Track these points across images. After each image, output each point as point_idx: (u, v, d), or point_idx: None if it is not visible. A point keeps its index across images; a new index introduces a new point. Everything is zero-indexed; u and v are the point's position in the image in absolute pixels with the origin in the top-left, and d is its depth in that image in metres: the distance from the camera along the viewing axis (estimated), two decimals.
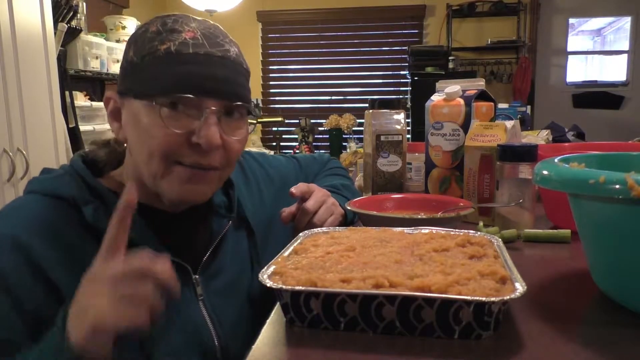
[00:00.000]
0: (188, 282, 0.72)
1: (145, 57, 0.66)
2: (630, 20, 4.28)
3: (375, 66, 4.55)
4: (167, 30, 0.67)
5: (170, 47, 0.65)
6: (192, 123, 0.66)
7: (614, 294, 0.59)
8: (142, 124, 0.67)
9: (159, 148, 0.66)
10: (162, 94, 0.65)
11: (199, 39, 0.67)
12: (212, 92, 0.66)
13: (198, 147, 0.66)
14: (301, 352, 0.51)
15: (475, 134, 0.98)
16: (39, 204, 0.67)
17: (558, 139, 1.86)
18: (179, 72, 0.65)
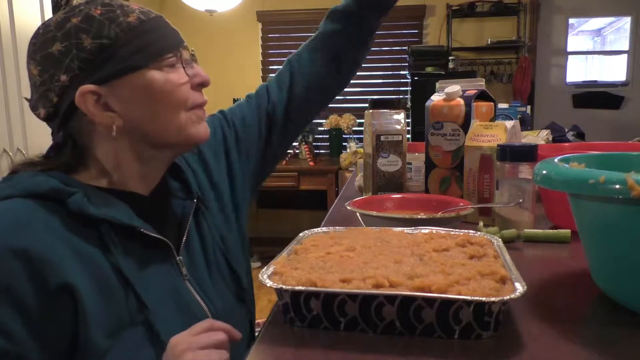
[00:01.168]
0: (173, 264, 0.75)
1: (119, 35, 0.68)
2: (630, 20, 4.28)
3: (375, 66, 4.55)
4: (117, 6, 0.71)
5: (139, 17, 0.71)
6: (185, 71, 0.74)
7: (614, 294, 0.59)
8: (156, 89, 0.71)
9: (182, 100, 0.73)
10: (160, 56, 0.71)
11: (143, 7, 0.74)
12: (182, 42, 0.75)
13: (201, 87, 0.77)
14: (301, 352, 0.51)
15: (475, 134, 0.98)
16: (22, 205, 0.65)
17: (558, 139, 1.86)
18: (161, 33, 0.72)
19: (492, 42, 4.20)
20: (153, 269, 0.71)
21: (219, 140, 0.94)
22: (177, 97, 0.72)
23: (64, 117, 0.71)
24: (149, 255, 0.71)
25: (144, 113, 0.71)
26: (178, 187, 0.84)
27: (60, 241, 0.64)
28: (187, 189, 0.84)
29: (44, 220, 0.65)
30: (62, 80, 0.68)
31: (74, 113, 0.70)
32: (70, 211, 0.66)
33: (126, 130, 0.71)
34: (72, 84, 0.68)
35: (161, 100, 0.71)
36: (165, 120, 0.72)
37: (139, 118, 0.71)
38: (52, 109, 0.70)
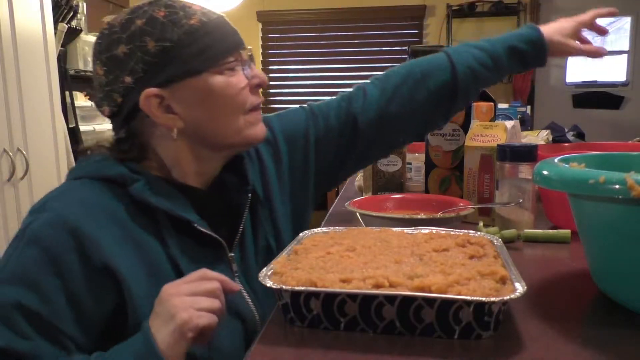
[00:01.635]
0: (224, 260, 0.75)
1: (181, 37, 0.69)
2: (630, 20, 4.28)
3: (375, 66, 4.54)
4: (180, 7, 0.71)
5: (201, 19, 0.70)
6: (244, 73, 0.74)
7: (614, 294, 0.59)
8: (217, 92, 0.71)
9: (241, 102, 0.73)
10: (221, 58, 0.71)
11: (204, 8, 0.73)
12: (242, 42, 0.75)
13: (258, 88, 0.77)
14: (301, 352, 0.51)
15: (475, 134, 0.98)
16: (88, 186, 0.70)
17: (558, 139, 1.86)
18: (221, 35, 0.72)
19: None
20: (205, 262, 0.71)
21: (300, 135, 0.92)
22: (236, 101, 0.73)
23: (127, 117, 0.73)
24: (202, 248, 0.72)
25: (204, 116, 0.72)
26: (235, 179, 0.83)
27: (116, 224, 0.66)
28: (244, 182, 0.82)
29: (104, 202, 0.68)
30: (126, 81, 0.70)
31: (137, 113, 0.72)
32: (133, 198, 0.69)
33: (186, 132, 0.73)
34: (136, 85, 0.69)
35: (221, 104, 0.72)
36: (225, 123, 0.74)
37: (199, 120, 0.73)
38: (116, 108, 0.72)
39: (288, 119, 0.93)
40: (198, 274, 0.63)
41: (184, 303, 0.58)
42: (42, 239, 0.64)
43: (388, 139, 0.95)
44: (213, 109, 0.72)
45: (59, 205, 0.67)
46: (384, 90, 0.93)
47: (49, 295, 0.62)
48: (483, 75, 0.94)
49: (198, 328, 0.58)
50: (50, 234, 0.64)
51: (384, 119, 0.92)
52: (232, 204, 0.81)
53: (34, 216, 0.67)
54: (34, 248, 0.63)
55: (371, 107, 0.92)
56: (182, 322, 0.57)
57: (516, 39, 0.95)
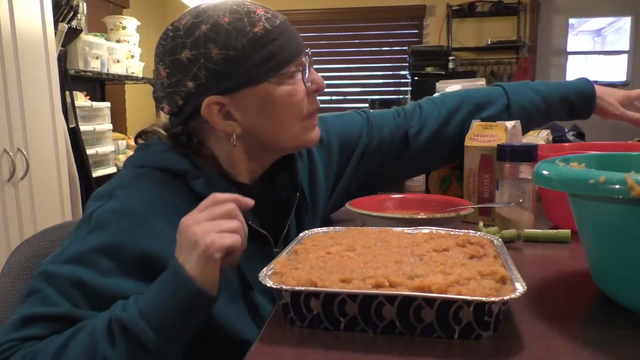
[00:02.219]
0: (270, 256, 0.75)
1: (245, 45, 0.70)
2: (630, 20, 4.28)
3: (375, 66, 4.55)
4: (245, 13, 0.71)
5: (264, 25, 0.71)
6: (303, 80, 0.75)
7: (614, 294, 0.59)
8: (277, 101, 0.73)
9: (300, 110, 0.75)
10: (283, 67, 0.72)
11: (268, 11, 0.73)
12: (303, 47, 0.76)
13: (315, 94, 0.78)
14: (301, 352, 0.51)
15: (475, 134, 0.98)
16: (152, 177, 0.72)
17: (558, 139, 1.86)
18: (284, 42, 0.72)
19: (492, 42, 4.20)
20: (254, 256, 0.72)
21: (354, 140, 0.93)
22: (295, 109, 0.74)
23: (187, 118, 0.75)
24: (252, 243, 0.72)
25: (263, 123, 0.74)
26: (286, 178, 0.84)
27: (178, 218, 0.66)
28: (294, 181, 0.83)
29: (168, 195, 0.71)
30: (188, 86, 0.71)
31: (197, 116, 0.73)
32: (194, 192, 0.71)
33: (244, 137, 0.75)
34: (198, 91, 0.71)
35: (280, 112, 0.73)
36: (283, 130, 0.75)
37: (258, 127, 0.74)
38: (176, 109, 0.75)
39: (345, 123, 0.95)
40: (209, 199, 0.62)
41: (204, 229, 0.59)
42: (108, 226, 0.66)
43: (431, 160, 0.99)
44: (272, 117, 0.74)
45: (126, 194, 0.69)
46: (440, 113, 0.96)
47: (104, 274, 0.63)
48: (534, 118, 1.00)
49: (223, 248, 0.58)
50: (116, 221, 0.66)
51: (436, 141, 0.95)
52: (280, 201, 0.83)
53: (102, 201, 0.69)
54: (99, 234, 0.65)
55: (426, 127, 0.95)
56: (205, 246, 0.57)
57: (572, 91, 1.01)
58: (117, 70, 3.17)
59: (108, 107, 3.05)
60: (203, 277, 0.58)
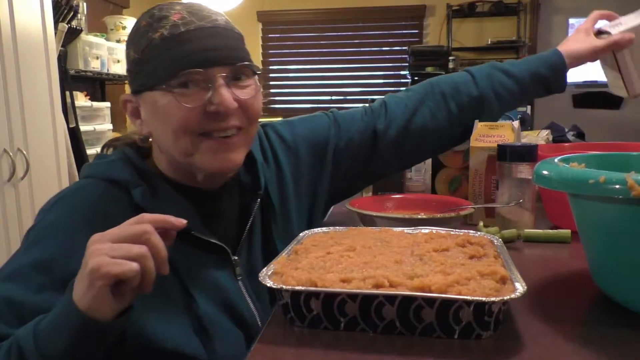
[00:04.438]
0: (228, 264, 0.75)
1: (144, 51, 0.70)
2: None
3: (375, 66, 4.55)
4: (155, 19, 0.70)
5: (163, 33, 0.69)
6: (205, 95, 0.69)
7: (614, 294, 0.59)
8: (160, 110, 0.70)
9: (181, 125, 0.69)
10: (170, 77, 0.68)
11: (186, 17, 0.70)
12: (214, 61, 0.69)
13: (216, 115, 0.70)
14: (301, 352, 0.51)
15: (481, 135, 0.97)
16: (94, 188, 0.72)
17: (558, 139, 1.86)
18: (179, 52, 0.68)
19: (492, 42, 4.20)
20: (205, 266, 0.72)
21: (322, 142, 0.91)
22: (177, 122, 0.69)
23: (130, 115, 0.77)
24: (204, 252, 0.72)
25: (156, 130, 0.73)
26: (250, 182, 0.82)
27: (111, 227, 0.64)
28: (257, 185, 0.82)
29: (106, 207, 0.70)
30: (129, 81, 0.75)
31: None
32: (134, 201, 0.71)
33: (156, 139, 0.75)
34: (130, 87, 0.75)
35: (165, 122, 0.70)
36: (171, 142, 0.71)
37: (154, 133, 0.74)
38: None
39: (312, 126, 0.93)
40: (134, 218, 0.57)
41: (99, 250, 0.53)
42: (43, 241, 0.66)
43: (406, 155, 0.96)
44: (159, 125, 0.72)
45: (63, 207, 0.69)
46: (406, 107, 0.94)
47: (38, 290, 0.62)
48: (507, 101, 0.97)
49: (109, 276, 0.52)
50: (51, 236, 0.66)
51: (405, 135, 0.93)
52: (242, 206, 0.81)
53: (41, 215, 0.69)
54: (35, 249, 0.65)
55: (393, 123, 0.93)
56: (90, 270, 0.52)
57: (543, 66, 0.97)
58: (117, 70, 3.16)
59: (108, 107, 3.05)
60: (89, 302, 0.53)
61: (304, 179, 0.89)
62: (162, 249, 0.55)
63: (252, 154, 0.82)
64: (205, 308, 0.69)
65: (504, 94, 0.96)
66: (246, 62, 0.72)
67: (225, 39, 0.71)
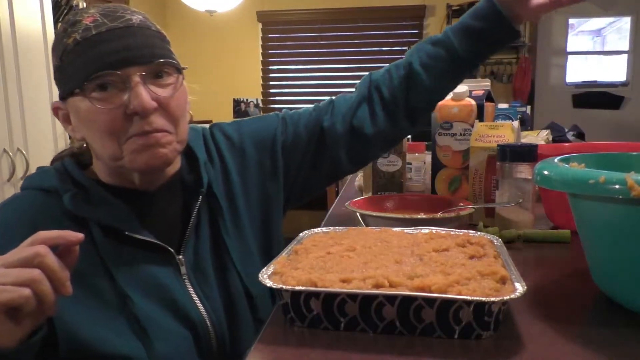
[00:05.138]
0: (171, 263, 0.75)
1: (62, 57, 0.70)
2: (630, 20, 4.28)
3: (376, 66, 4.52)
4: (70, 24, 0.70)
5: (76, 38, 0.68)
6: (123, 96, 0.68)
7: (614, 294, 0.59)
8: (82, 115, 0.70)
9: (103, 130, 0.69)
10: (86, 82, 0.67)
11: (98, 20, 0.69)
12: (128, 61, 0.68)
13: (137, 116, 0.68)
14: (301, 352, 0.51)
15: (481, 135, 0.97)
16: (25, 199, 0.73)
17: (558, 139, 1.86)
18: (92, 56, 0.67)
19: None
20: (144, 265, 0.71)
21: (269, 139, 0.90)
22: (100, 125, 0.68)
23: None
24: (143, 252, 0.72)
25: (85, 135, 0.73)
26: (192, 179, 0.81)
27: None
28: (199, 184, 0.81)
29: (38, 217, 0.70)
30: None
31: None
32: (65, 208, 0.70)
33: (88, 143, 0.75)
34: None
35: (89, 127, 0.70)
36: (100, 146, 0.71)
37: (85, 138, 0.74)
38: None
39: (259, 125, 0.92)
40: (29, 239, 0.55)
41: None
42: None
43: (356, 152, 0.93)
44: (87, 132, 0.71)
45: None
46: (351, 105, 0.92)
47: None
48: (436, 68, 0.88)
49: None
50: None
51: (352, 133, 0.91)
52: (181, 205, 0.80)
53: None
54: None
55: (338, 120, 0.91)
56: None
57: (468, 18, 0.87)
58: None
59: None
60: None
61: (253, 177, 0.88)
62: (58, 270, 0.53)
63: (195, 153, 0.82)
64: (143, 307, 0.69)
65: (431, 63, 0.88)
66: (163, 60, 0.70)
67: (140, 37, 0.70)
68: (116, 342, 0.66)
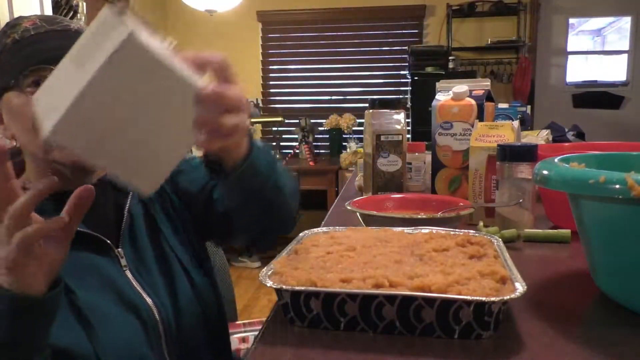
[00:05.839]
0: (111, 255, 0.76)
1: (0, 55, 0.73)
2: (630, 20, 4.28)
3: (375, 66, 4.54)
4: (9, 27, 0.74)
5: (15, 37, 0.73)
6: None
7: (614, 294, 0.59)
8: (14, 110, 0.72)
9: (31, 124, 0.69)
10: (22, 76, 0.71)
11: (38, 23, 0.74)
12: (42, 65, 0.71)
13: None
14: (301, 352, 0.51)
15: (481, 135, 0.97)
16: None
17: (558, 139, 1.86)
18: (30, 52, 0.71)
19: (492, 42, 4.19)
20: (84, 258, 0.72)
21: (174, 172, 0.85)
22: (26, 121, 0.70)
23: None
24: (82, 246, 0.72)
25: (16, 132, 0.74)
26: None
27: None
28: None
29: None
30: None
31: None
32: None
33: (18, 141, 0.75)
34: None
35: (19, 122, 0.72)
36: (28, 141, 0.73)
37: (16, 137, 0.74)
38: None
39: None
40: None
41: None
42: None
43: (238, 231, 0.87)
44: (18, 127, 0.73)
45: None
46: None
47: None
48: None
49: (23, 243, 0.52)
50: None
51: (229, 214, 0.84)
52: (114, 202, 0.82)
53: None
54: None
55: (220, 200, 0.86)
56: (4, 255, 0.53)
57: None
58: None
59: None
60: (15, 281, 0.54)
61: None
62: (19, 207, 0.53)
63: None
64: (86, 298, 0.69)
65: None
66: None
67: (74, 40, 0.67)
68: (59, 333, 0.64)
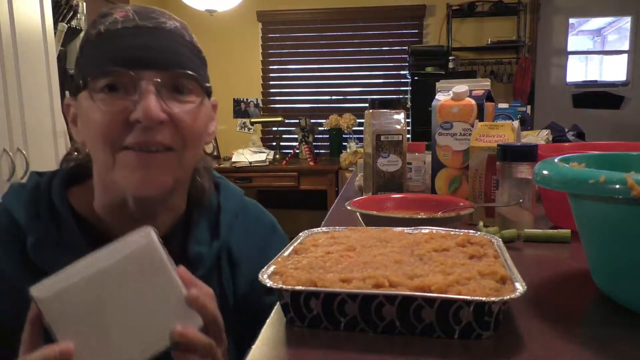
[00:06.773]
0: None
1: (83, 48, 0.63)
2: (630, 20, 4.28)
3: (375, 66, 4.54)
4: (100, 16, 0.64)
5: (100, 29, 0.62)
6: (130, 100, 0.60)
7: (614, 294, 0.59)
8: (83, 115, 0.63)
9: (100, 133, 0.61)
10: (95, 75, 0.61)
11: (129, 16, 0.62)
12: (143, 61, 0.60)
13: (139, 124, 0.60)
14: (301, 352, 0.51)
15: (481, 135, 0.97)
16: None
17: (558, 139, 1.86)
18: (107, 49, 0.60)
19: (492, 42, 4.20)
20: None
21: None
22: (94, 129, 0.61)
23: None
24: None
25: (85, 139, 0.65)
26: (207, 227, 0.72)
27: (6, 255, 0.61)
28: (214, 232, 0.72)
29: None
30: None
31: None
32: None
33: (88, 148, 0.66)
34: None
35: (87, 129, 0.63)
36: (94, 153, 0.64)
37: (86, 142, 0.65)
38: None
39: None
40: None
41: None
42: None
43: None
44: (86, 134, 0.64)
45: None
46: None
47: None
48: None
49: None
50: None
51: None
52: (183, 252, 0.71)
53: None
54: None
55: None
56: None
57: None
58: None
59: None
60: None
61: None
62: None
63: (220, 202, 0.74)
64: None
65: None
66: (187, 71, 0.62)
67: (164, 40, 0.62)
68: None
